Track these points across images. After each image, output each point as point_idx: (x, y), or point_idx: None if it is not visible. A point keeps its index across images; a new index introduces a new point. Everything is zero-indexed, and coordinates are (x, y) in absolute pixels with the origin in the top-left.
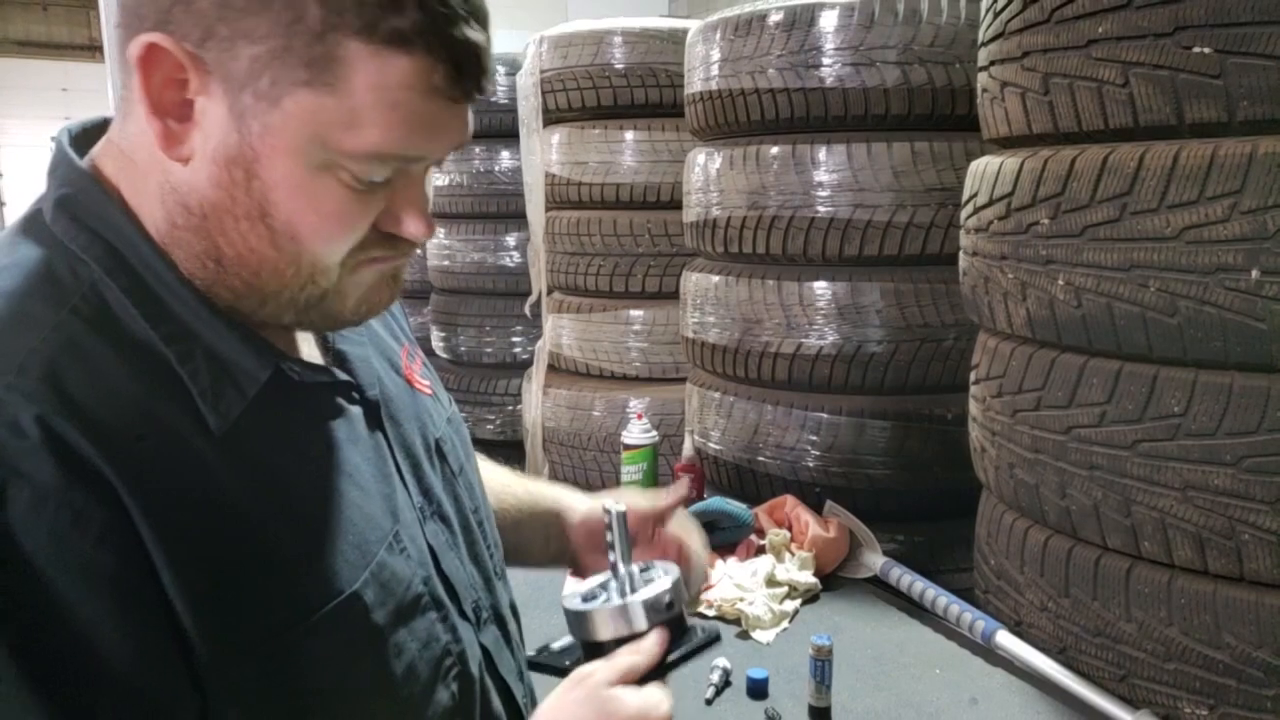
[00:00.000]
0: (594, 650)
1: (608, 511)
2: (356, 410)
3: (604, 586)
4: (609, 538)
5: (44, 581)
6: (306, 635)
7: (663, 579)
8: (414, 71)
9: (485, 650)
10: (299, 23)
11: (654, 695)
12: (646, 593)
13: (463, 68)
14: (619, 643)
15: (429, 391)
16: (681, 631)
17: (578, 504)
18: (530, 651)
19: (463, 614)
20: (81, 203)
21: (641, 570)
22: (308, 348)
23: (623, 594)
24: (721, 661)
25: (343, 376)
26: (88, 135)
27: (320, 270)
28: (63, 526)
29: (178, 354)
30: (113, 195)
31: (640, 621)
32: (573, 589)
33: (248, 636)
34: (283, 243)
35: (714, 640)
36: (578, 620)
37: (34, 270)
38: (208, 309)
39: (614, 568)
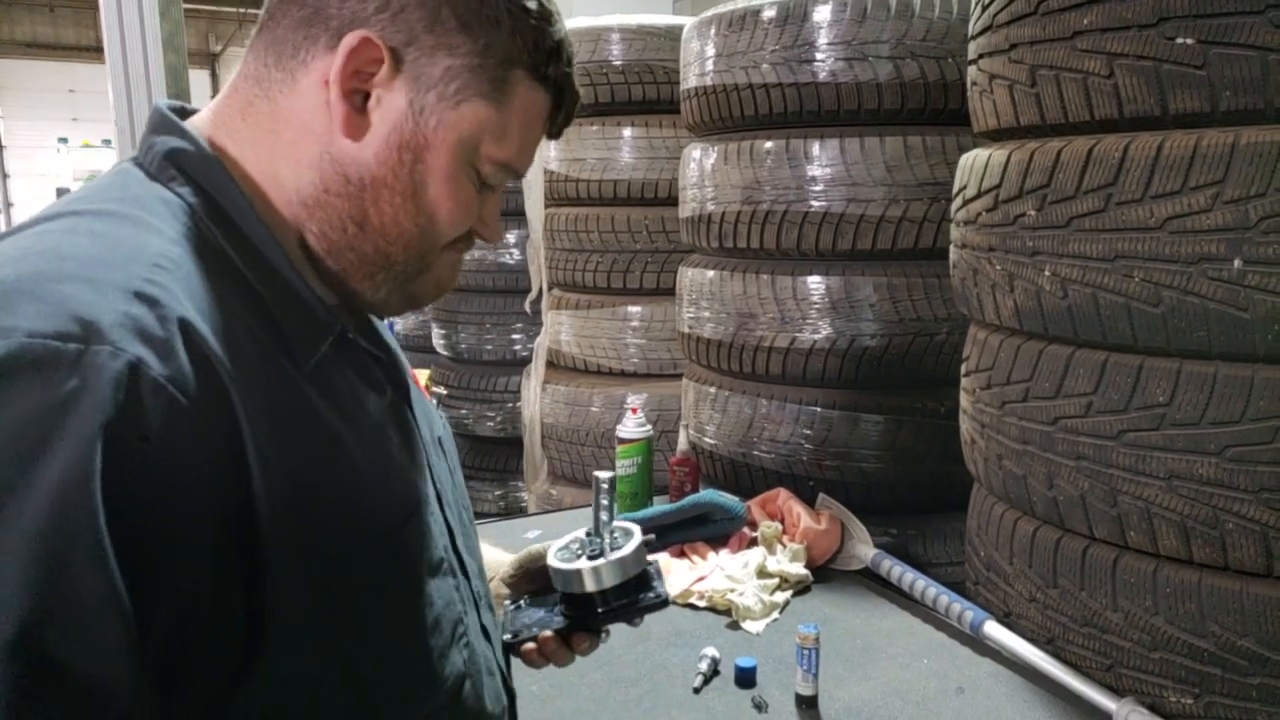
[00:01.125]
0: (577, 601)
1: (598, 478)
2: (389, 389)
3: (581, 546)
4: (602, 499)
5: (162, 473)
6: (369, 556)
7: (630, 541)
8: (546, 108)
9: (486, 632)
10: (491, 49)
11: None
12: (621, 552)
13: (569, 114)
14: (600, 595)
15: (429, 395)
16: (646, 585)
17: (492, 562)
18: (507, 636)
19: (469, 592)
20: (191, 158)
21: (611, 533)
22: (357, 324)
23: (602, 553)
24: (710, 651)
25: (382, 354)
26: (178, 113)
27: (433, 248)
28: (175, 413)
29: (272, 295)
30: (219, 155)
31: (617, 576)
32: (550, 549)
33: (321, 552)
34: (422, 220)
35: (664, 604)
36: (565, 577)
37: (146, 199)
38: (291, 264)
39: (597, 527)
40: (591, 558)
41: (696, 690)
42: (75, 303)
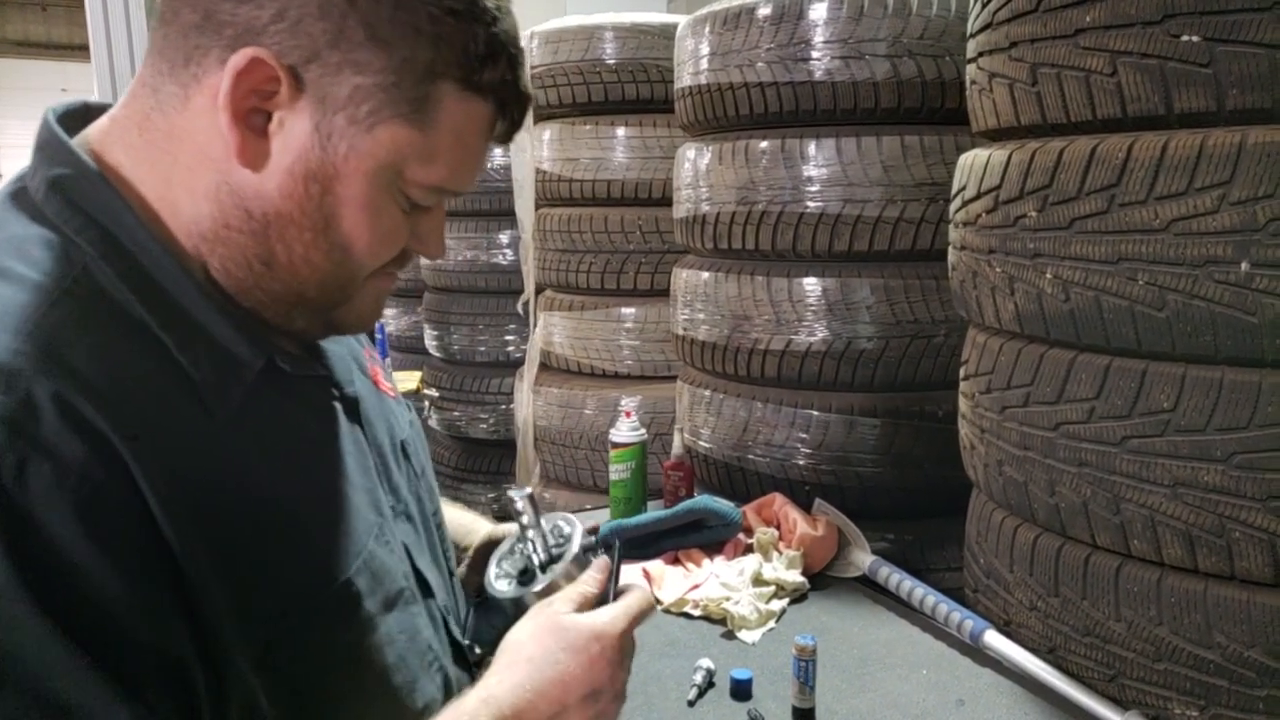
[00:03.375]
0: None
1: (514, 499)
2: (337, 405)
3: (514, 558)
4: (524, 520)
5: (70, 559)
6: (310, 617)
7: (570, 541)
8: (486, 118)
9: (457, 646)
10: (410, 63)
11: (607, 615)
12: (566, 559)
13: (517, 120)
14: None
15: (393, 393)
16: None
17: (481, 530)
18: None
19: (433, 609)
20: (77, 185)
21: (551, 532)
22: (288, 342)
23: (544, 568)
24: (705, 662)
25: (329, 372)
26: (70, 117)
27: (353, 280)
28: (85, 502)
29: (175, 340)
30: (112, 180)
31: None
32: (491, 565)
33: (252, 617)
34: (336, 254)
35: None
36: (515, 605)
37: (27, 248)
38: (203, 296)
39: (530, 545)
40: (524, 582)
41: (691, 703)
42: None
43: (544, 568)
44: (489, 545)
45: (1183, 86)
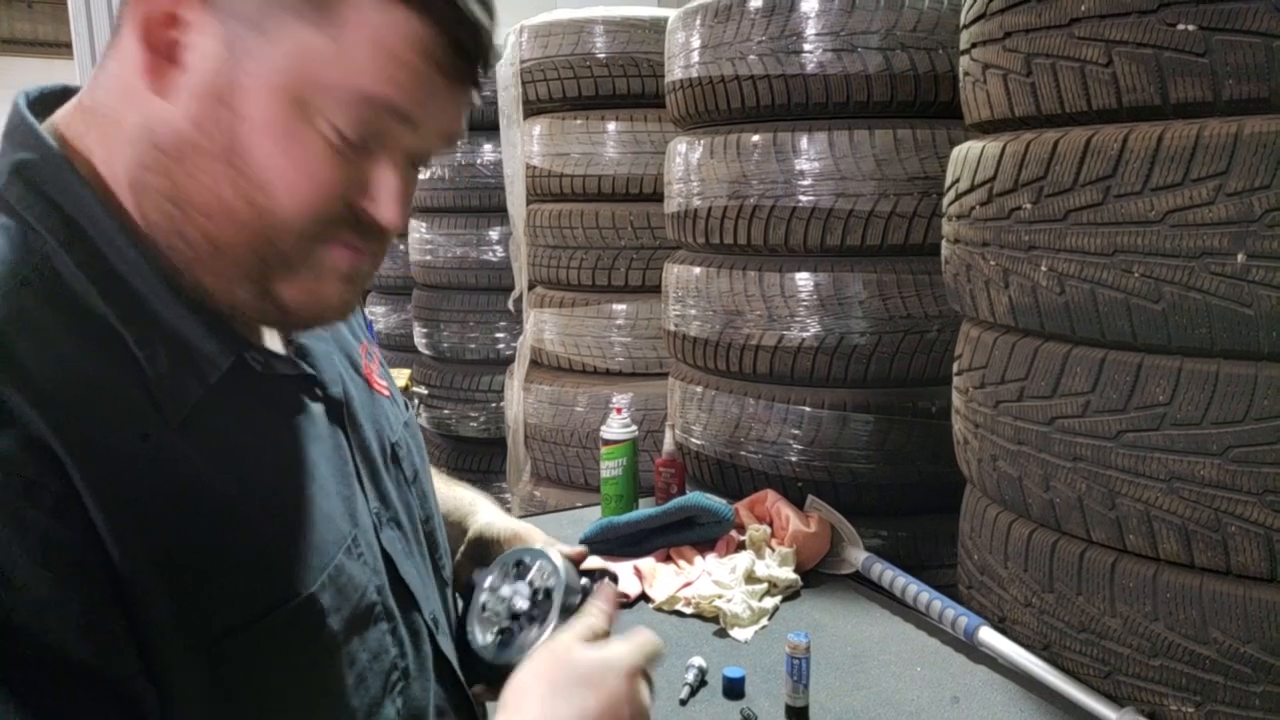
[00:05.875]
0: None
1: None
2: (318, 407)
3: (496, 607)
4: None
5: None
6: (261, 635)
7: (547, 581)
8: (414, 32)
9: (445, 659)
10: None
11: (621, 647)
12: (555, 609)
13: (463, 44)
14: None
15: (386, 393)
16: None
17: (478, 518)
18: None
19: (418, 623)
20: (40, 170)
21: (520, 579)
22: (271, 338)
23: (534, 620)
24: (697, 660)
25: (307, 370)
26: (45, 101)
27: (285, 232)
28: (13, 496)
29: (135, 335)
30: (77, 163)
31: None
32: (471, 616)
33: (199, 632)
34: (251, 193)
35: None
36: (510, 668)
37: None
38: (170, 290)
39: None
40: (505, 641)
41: (683, 702)
42: None
43: (531, 617)
44: (477, 544)
45: (1179, 76)
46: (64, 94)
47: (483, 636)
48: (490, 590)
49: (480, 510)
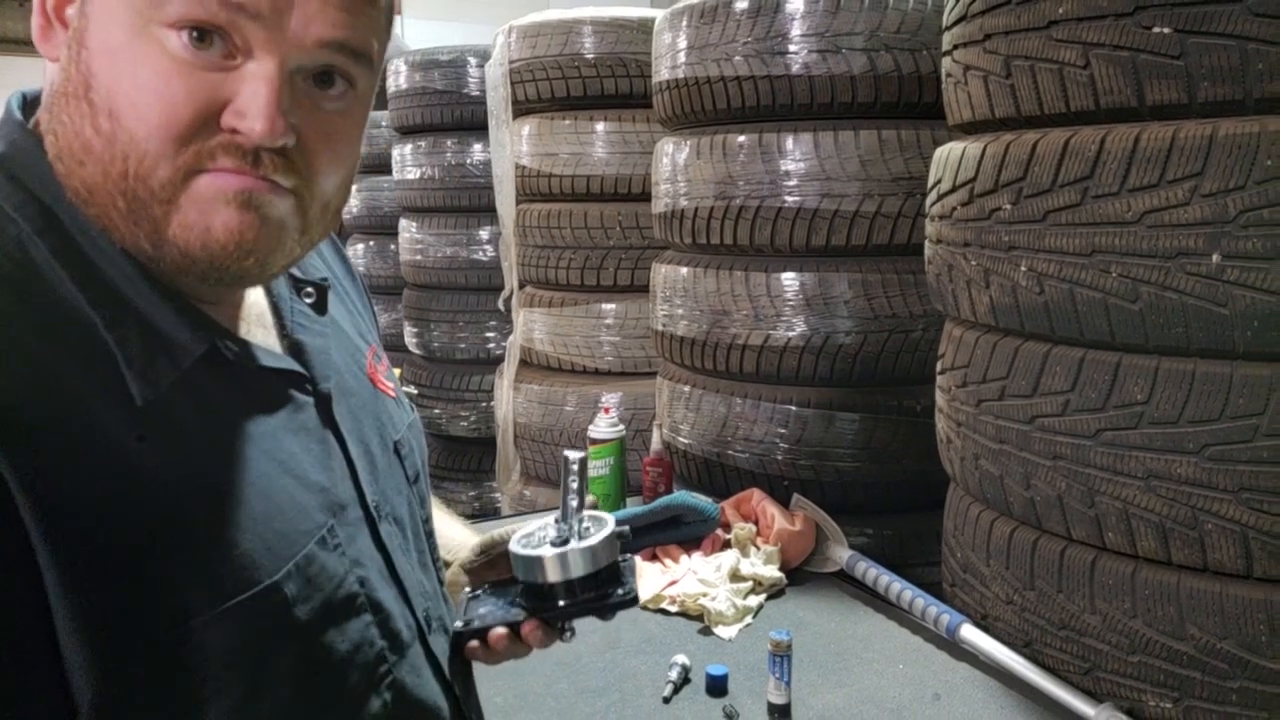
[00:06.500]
0: (538, 593)
1: (567, 458)
2: (306, 400)
3: (544, 533)
4: (571, 482)
5: None
6: (214, 623)
7: (601, 530)
8: None
9: (435, 658)
10: None
11: None
12: (588, 541)
13: None
14: (565, 586)
15: (392, 394)
16: (616, 579)
17: (463, 547)
18: (458, 624)
19: (410, 620)
20: (19, 161)
21: (581, 520)
22: (262, 333)
23: (566, 540)
24: (680, 659)
25: (294, 366)
26: (40, 100)
27: (144, 159)
28: None
29: (105, 319)
30: (52, 154)
31: (584, 566)
32: (514, 535)
33: (147, 622)
34: (101, 121)
35: (633, 601)
36: (527, 564)
37: None
38: (144, 278)
39: (565, 512)
40: (556, 545)
41: (666, 700)
42: None
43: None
44: (492, 540)
45: (1154, 79)
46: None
47: (524, 548)
48: (529, 532)
49: (472, 540)
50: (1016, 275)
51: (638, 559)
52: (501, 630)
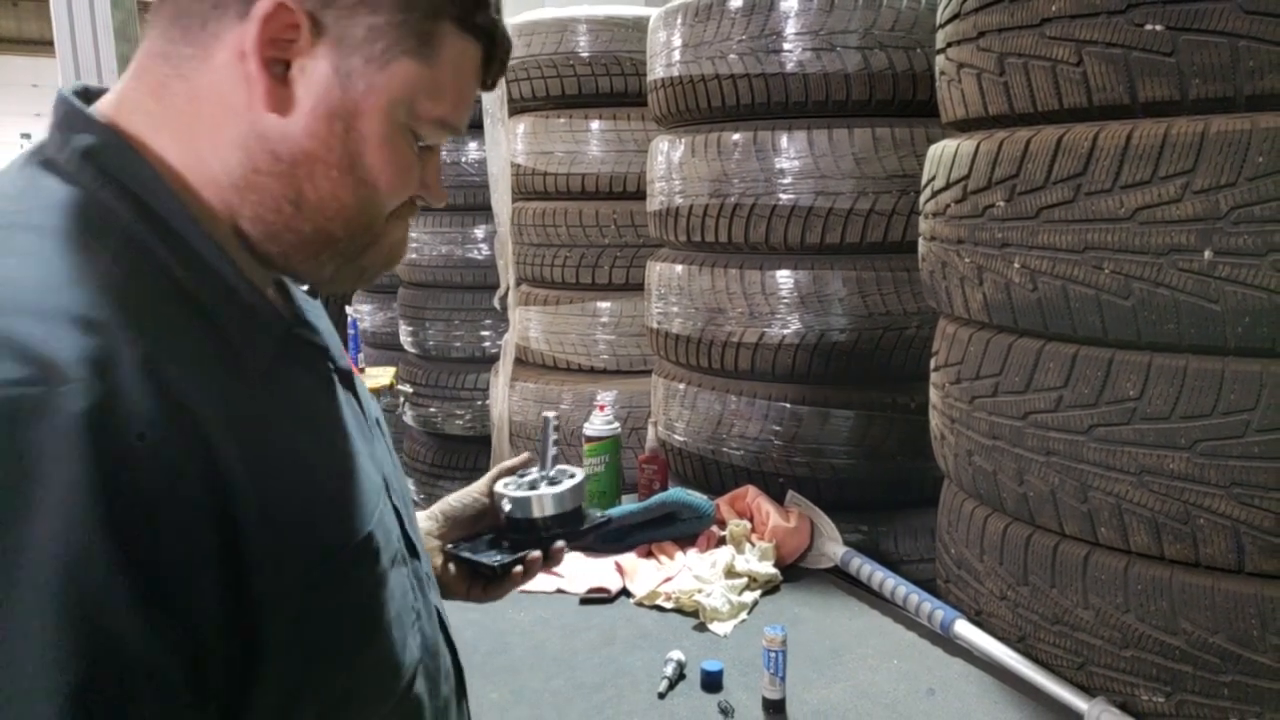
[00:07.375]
0: (528, 527)
1: (547, 419)
2: (334, 375)
3: (519, 483)
4: (551, 437)
5: (153, 511)
6: (347, 564)
7: (576, 476)
8: (476, 58)
9: (436, 611)
10: (415, 3)
11: None
12: (569, 484)
13: (502, 62)
14: (553, 519)
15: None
16: (580, 519)
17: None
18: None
19: (420, 571)
20: (107, 154)
21: (556, 471)
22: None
23: (553, 483)
24: (676, 655)
25: (325, 343)
26: (85, 98)
27: (376, 219)
28: (170, 463)
29: (212, 300)
30: (137, 148)
31: (567, 503)
32: (502, 485)
33: (291, 573)
34: (362, 191)
35: (606, 521)
36: (519, 503)
37: (72, 210)
38: (230, 263)
39: (544, 462)
40: (539, 488)
41: (661, 695)
42: (25, 339)
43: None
44: (452, 507)
45: (1147, 76)
46: (86, 92)
47: (509, 489)
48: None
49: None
50: (1010, 272)
51: (633, 556)
52: (492, 562)
